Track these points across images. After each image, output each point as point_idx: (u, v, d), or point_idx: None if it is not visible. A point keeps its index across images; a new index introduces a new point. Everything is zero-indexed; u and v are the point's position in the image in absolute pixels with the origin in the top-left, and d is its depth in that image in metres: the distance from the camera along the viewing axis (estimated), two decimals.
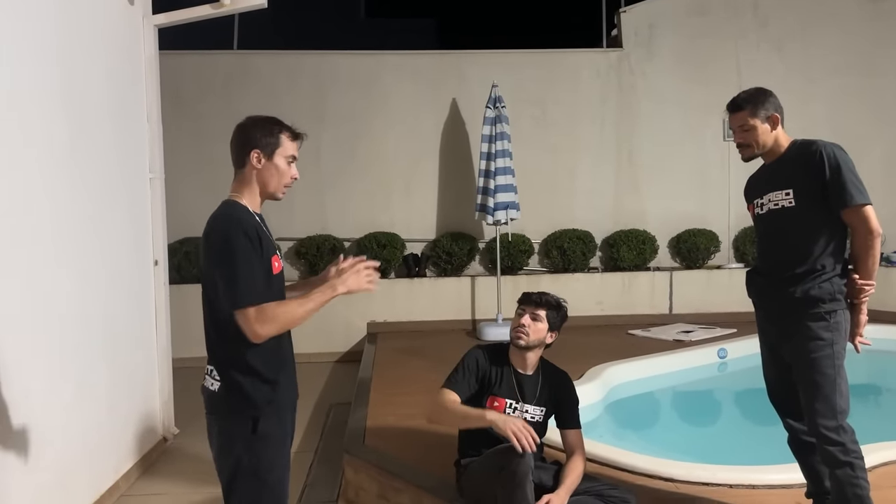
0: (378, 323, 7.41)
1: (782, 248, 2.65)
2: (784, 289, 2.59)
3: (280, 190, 2.29)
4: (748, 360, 6.26)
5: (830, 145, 2.59)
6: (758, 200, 2.75)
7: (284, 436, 2.26)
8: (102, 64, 4.06)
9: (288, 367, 2.29)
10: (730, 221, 8.09)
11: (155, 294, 4.74)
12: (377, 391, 5.00)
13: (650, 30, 8.16)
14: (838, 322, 2.53)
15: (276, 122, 2.29)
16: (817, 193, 2.56)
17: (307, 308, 2.13)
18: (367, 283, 2.19)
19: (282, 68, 7.85)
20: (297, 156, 2.31)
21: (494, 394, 2.91)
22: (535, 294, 2.97)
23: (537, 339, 2.90)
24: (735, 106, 2.72)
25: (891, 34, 8.12)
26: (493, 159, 6.98)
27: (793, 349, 2.60)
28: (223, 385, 2.19)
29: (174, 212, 5.62)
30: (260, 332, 2.07)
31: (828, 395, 2.47)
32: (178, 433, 4.87)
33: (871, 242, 2.52)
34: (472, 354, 2.99)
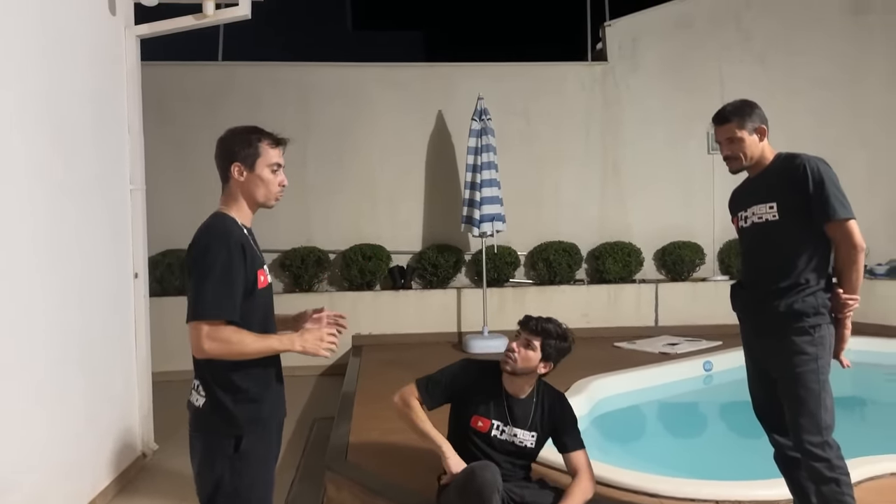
0: (363, 336, 7.35)
1: (766, 262, 2.64)
2: (768, 302, 2.58)
3: (270, 199, 2.26)
4: (733, 372, 6.25)
5: (814, 159, 2.58)
6: (742, 213, 2.75)
7: (268, 455, 2.22)
8: (83, 74, 4.00)
9: (274, 385, 2.24)
10: (714, 234, 8.12)
11: (135, 307, 4.66)
12: (361, 405, 4.94)
13: (634, 43, 8.21)
14: (823, 336, 2.52)
15: (255, 131, 2.24)
16: (801, 207, 2.56)
17: (259, 347, 2.10)
18: (324, 351, 2.16)
19: (267, 79, 7.81)
20: (282, 162, 2.26)
21: (480, 413, 2.84)
22: (534, 319, 2.84)
23: (525, 367, 2.80)
24: (722, 118, 2.71)
25: (872, 46, 8.22)
26: (478, 171, 6.97)
27: (777, 364, 2.59)
28: (208, 401, 2.15)
29: (157, 223, 5.56)
30: (205, 349, 2.03)
31: (812, 410, 2.46)
32: (157, 449, 4.78)
33: (855, 257, 2.51)
34: (462, 367, 2.93)
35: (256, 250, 2.23)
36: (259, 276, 2.17)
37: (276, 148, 2.25)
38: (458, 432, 2.84)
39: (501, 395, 2.86)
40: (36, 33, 3.44)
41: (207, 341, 2.03)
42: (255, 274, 2.15)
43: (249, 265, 2.13)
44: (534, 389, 2.90)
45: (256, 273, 2.16)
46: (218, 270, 2.06)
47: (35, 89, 3.40)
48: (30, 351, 3.29)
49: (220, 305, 2.04)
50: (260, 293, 2.17)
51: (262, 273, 2.19)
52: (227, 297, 2.06)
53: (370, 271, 7.45)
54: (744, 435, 5.20)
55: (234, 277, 2.08)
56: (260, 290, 2.17)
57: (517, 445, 2.84)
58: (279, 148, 2.26)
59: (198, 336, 2.04)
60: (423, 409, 2.84)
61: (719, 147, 2.77)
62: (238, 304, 2.09)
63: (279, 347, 2.14)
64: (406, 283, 7.62)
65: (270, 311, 2.28)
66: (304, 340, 2.14)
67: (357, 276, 7.46)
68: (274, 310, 2.33)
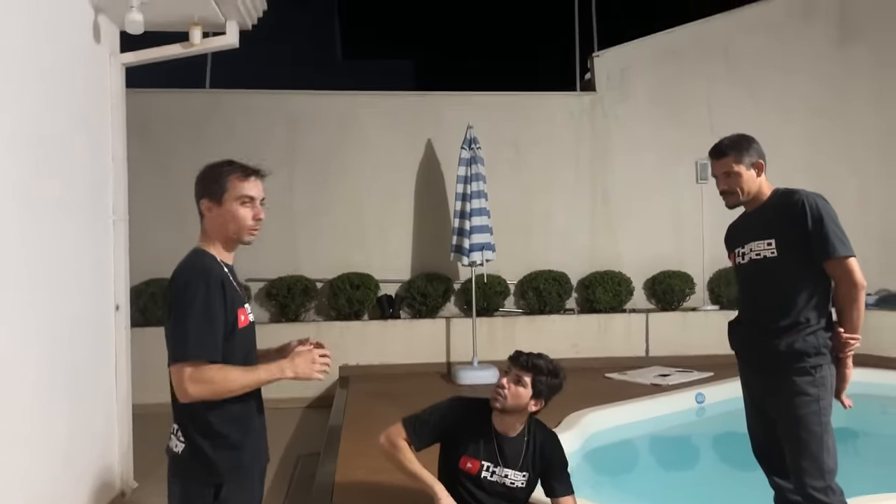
0: (350, 366, 7.22)
1: (765, 300, 2.59)
2: (768, 341, 2.52)
3: (242, 234, 2.15)
4: (726, 404, 6.20)
5: (812, 195, 2.54)
6: (739, 249, 2.70)
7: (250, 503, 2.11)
8: (66, 102, 3.93)
9: (256, 431, 2.15)
10: (704, 263, 8.09)
11: (116, 340, 4.54)
12: (348, 440, 4.81)
13: (623, 74, 8.25)
14: (824, 377, 2.46)
15: (225, 164, 2.17)
16: (799, 244, 2.51)
17: (247, 381, 2.02)
18: (318, 373, 2.08)
19: (255, 107, 7.77)
20: (255, 195, 2.15)
21: (469, 454, 2.74)
22: (524, 355, 2.74)
23: (515, 405, 2.71)
24: (719, 152, 2.67)
25: (858, 76, 8.30)
26: (468, 200, 6.92)
27: (777, 404, 2.52)
28: (187, 447, 2.06)
29: (140, 252, 5.45)
30: (190, 392, 1.95)
31: (815, 453, 2.38)
32: (136, 487, 4.63)
33: (856, 295, 2.46)
34: (450, 407, 2.81)
35: (237, 289, 2.16)
36: (240, 316, 2.09)
37: (246, 180, 2.13)
38: (448, 474, 2.73)
39: (491, 433, 2.76)
40: (19, 60, 3.36)
41: (191, 384, 1.95)
42: (234, 313, 2.07)
43: (230, 304, 2.05)
44: (525, 428, 2.80)
45: (237, 312, 2.08)
46: (198, 309, 1.98)
47: (15, 116, 3.32)
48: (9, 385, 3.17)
49: (202, 345, 1.96)
50: (241, 333, 2.09)
51: (242, 312, 2.11)
52: (208, 336, 1.98)
53: (358, 300, 7.34)
54: (738, 469, 5.10)
55: (215, 315, 2.00)
56: (241, 330, 2.09)
57: (508, 487, 2.73)
58: (250, 180, 2.14)
59: (180, 380, 1.95)
60: (411, 449, 2.73)
61: (716, 181, 2.72)
62: (220, 342, 2.01)
63: (267, 378, 2.05)
64: (394, 313, 7.52)
65: (252, 350, 2.19)
66: (294, 365, 2.06)
67: (345, 306, 7.35)
68: (255, 348, 2.24)
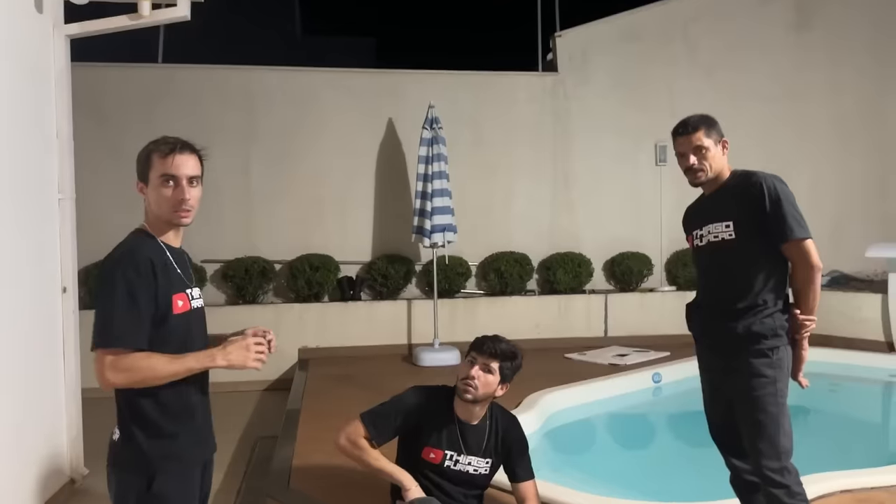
0: (310, 349, 7.14)
1: (723, 282, 2.59)
2: (725, 323, 2.53)
3: (169, 216, 2.02)
4: (682, 384, 6.31)
5: (771, 177, 2.55)
6: (697, 232, 2.69)
7: (188, 497, 2.04)
8: (4, 75, 3.73)
9: (195, 419, 2.06)
10: (662, 245, 8.19)
11: (63, 323, 4.38)
12: (306, 424, 4.75)
13: (584, 55, 8.23)
14: (781, 359, 2.48)
15: (151, 142, 2.06)
16: (757, 226, 2.51)
17: (174, 369, 1.92)
18: (254, 362, 1.98)
19: (209, 83, 7.54)
20: (175, 174, 1.99)
21: (432, 445, 2.69)
22: (488, 342, 2.70)
23: (486, 394, 2.67)
24: (691, 127, 2.63)
25: (813, 62, 8.43)
26: (430, 181, 6.84)
27: (734, 386, 2.53)
28: (121, 437, 1.99)
29: (91, 233, 5.27)
30: (110, 380, 1.87)
31: (771, 434, 2.41)
32: (87, 474, 4.50)
33: (812, 277, 2.48)
34: (410, 398, 2.74)
35: (179, 272, 2.05)
36: (176, 301, 1.99)
37: (167, 157, 1.99)
38: (409, 464, 2.69)
39: (454, 422, 2.72)
40: None
41: (111, 372, 1.86)
42: (168, 299, 1.97)
43: (162, 289, 1.95)
44: (486, 413, 2.77)
45: (171, 298, 1.98)
46: (121, 293, 1.88)
47: None
48: None
49: (125, 332, 1.87)
50: (176, 319, 1.99)
51: (180, 298, 2.01)
52: (132, 322, 1.88)
53: (318, 282, 7.24)
54: (694, 447, 5.20)
55: (140, 300, 1.90)
56: (176, 317, 1.99)
57: (471, 474, 2.71)
58: (171, 157, 1.99)
59: (101, 367, 1.87)
60: (372, 445, 2.67)
61: (680, 159, 2.68)
62: (146, 329, 1.91)
63: (197, 366, 1.95)
64: (355, 295, 7.44)
65: (195, 338, 2.07)
66: (226, 353, 1.96)
67: (304, 288, 7.25)
68: (205, 335, 2.14)
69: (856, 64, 8.47)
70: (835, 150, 8.34)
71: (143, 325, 1.91)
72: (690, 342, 2.84)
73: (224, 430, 2.20)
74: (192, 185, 2.03)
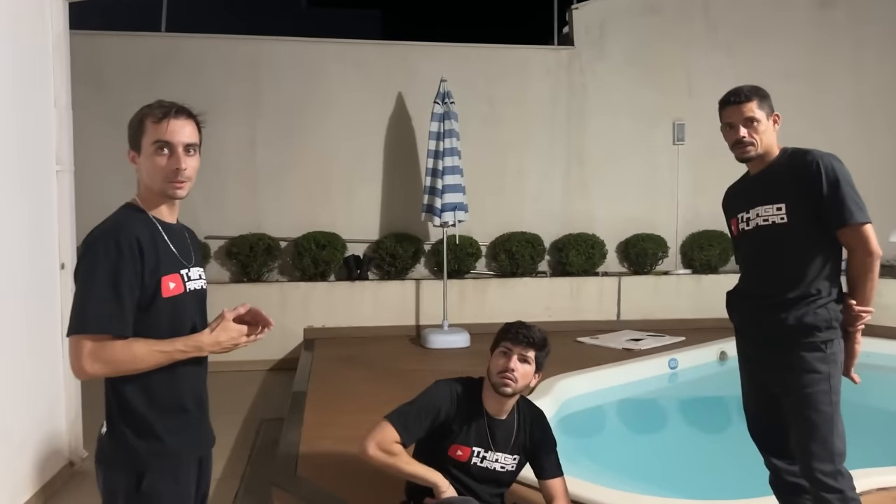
0: (316, 328, 6.97)
1: (773, 269, 2.39)
2: (775, 314, 2.33)
3: (162, 187, 1.83)
4: (698, 370, 6.17)
5: (828, 156, 2.34)
6: (742, 215, 2.47)
7: (182, 495, 1.87)
8: (1, 40, 3.53)
9: (188, 412, 1.89)
10: (677, 227, 7.98)
11: (61, 301, 4.21)
12: (313, 408, 4.59)
13: (601, 29, 7.96)
14: (835, 353, 2.29)
15: (145, 106, 1.87)
16: (812, 209, 2.31)
17: (157, 359, 1.76)
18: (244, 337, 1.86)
19: (214, 53, 7.30)
20: (170, 140, 1.80)
21: (460, 442, 2.51)
22: (522, 330, 2.50)
23: (524, 385, 2.50)
24: (743, 96, 2.43)
25: (835, 42, 8.16)
26: (441, 158, 6.63)
27: (784, 382, 2.34)
28: (108, 431, 1.82)
29: (90, 207, 5.02)
30: (87, 370, 1.69)
31: (825, 435, 2.22)
32: (86, 456, 4.35)
33: (871, 265, 2.28)
34: (439, 394, 2.53)
35: (174, 251, 1.86)
36: (166, 283, 1.80)
37: (161, 122, 1.80)
38: (432, 462, 2.50)
39: (483, 417, 2.54)
40: None
41: (89, 361, 1.68)
42: (156, 280, 1.78)
43: (149, 269, 1.77)
44: (514, 407, 2.60)
45: (160, 279, 1.79)
46: (103, 273, 1.70)
47: None
48: None
49: (104, 317, 1.70)
50: (166, 303, 1.80)
51: (172, 279, 1.82)
52: (114, 307, 1.70)
53: (324, 261, 7.06)
54: (712, 434, 5.08)
55: (122, 282, 1.71)
56: (166, 300, 1.80)
57: (498, 472, 2.54)
58: (165, 122, 1.80)
59: (78, 354, 1.69)
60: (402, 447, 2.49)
61: (727, 131, 2.46)
62: (128, 314, 1.73)
63: (184, 351, 1.79)
64: (362, 274, 7.26)
65: (187, 323, 1.87)
66: (215, 340, 1.82)
67: (310, 266, 7.06)
68: (200, 319, 1.94)
69: (877, 45, 8.19)
70: (855, 132, 8.08)
71: (126, 310, 1.72)
72: (706, 327, 2.67)
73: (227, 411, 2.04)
74: (189, 153, 1.84)
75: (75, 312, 1.72)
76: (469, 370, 5.36)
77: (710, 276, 7.69)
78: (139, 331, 1.77)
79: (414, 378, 5.27)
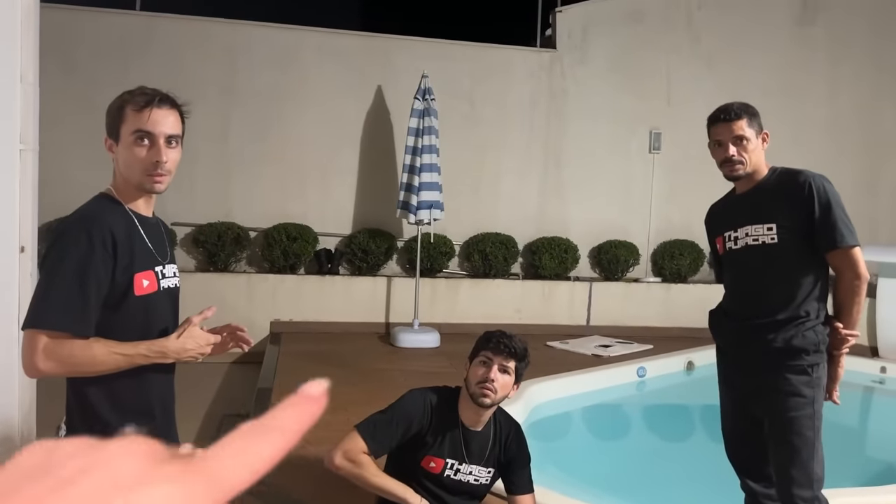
0: (283, 322, 6.84)
1: (762, 290, 2.37)
2: (762, 336, 2.30)
3: (141, 180, 1.73)
4: (666, 378, 6.20)
5: (819, 177, 2.33)
6: (730, 233, 2.44)
7: None
8: None
9: (154, 418, 1.79)
10: (650, 235, 8.02)
11: (19, 286, 4.02)
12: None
13: (584, 33, 7.94)
14: (820, 377, 2.28)
15: (126, 92, 1.76)
16: (803, 231, 2.29)
17: (116, 362, 1.65)
18: (207, 346, 1.79)
19: (189, 35, 7.10)
20: (151, 130, 1.70)
21: (433, 454, 2.43)
22: (504, 339, 2.42)
23: (503, 396, 2.44)
24: (733, 113, 2.39)
25: (814, 59, 8.28)
26: (418, 154, 6.54)
27: (767, 405, 2.32)
28: (68, 432, 1.74)
29: (54, 189, 4.94)
30: (39, 367, 1.60)
31: (806, 461, 2.21)
32: None
33: (859, 288, 2.27)
34: (412, 404, 2.44)
35: (150, 247, 1.77)
36: (139, 281, 1.71)
37: (143, 111, 1.70)
38: (404, 474, 2.43)
39: (458, 427, 2.47)
40: None
41: (43, 358, 1.59)
42: (129, 277, 1.69)
43: (122, 265, 1.68)
44: (490, 419, 2.53)
45: (133, 276, 1.70)
46: (70, 266, 1.61)
47: None
48: None
49: (66, 314, 1.60)
50: (137, 301, 1.72)
51: (146, 276, 1.73)
52: (77, 305, 1.61)
53: (294, 253, 6.93)
54: (679, 443, 5.11)
55: (90, 278, 1.62)
56: (138, 298, 1.72)
57: (472, 485, 2.48)
58: (147, 111, 1.70)
59: (32, 350, 1.59)
60: (371, 458, 2.41)
61: (717, 149, 2.43)
62: (92, 314, 1.63)
63: (147, 356, 1.69)
64: (333, 269, 7.14)
65: (158, 323, 1.78)
66: (181, 345, 1.73)
67: (280, 258, 6.92)
68: (172, 320, 1.85)
69: (854, 63, 8.34)
70: (827, 150, 8.19)
71: (89, 308, 1.62)
72: (673, 335, 2.66)
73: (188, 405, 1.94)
74: (171, 145, 1.74)
75: (34, 304, 1.62)
76: (439, 371, 5.30)
77: (680, 285, 7.74)
78: (107, 329, 1.67)
79: (383, 377, 5.20)
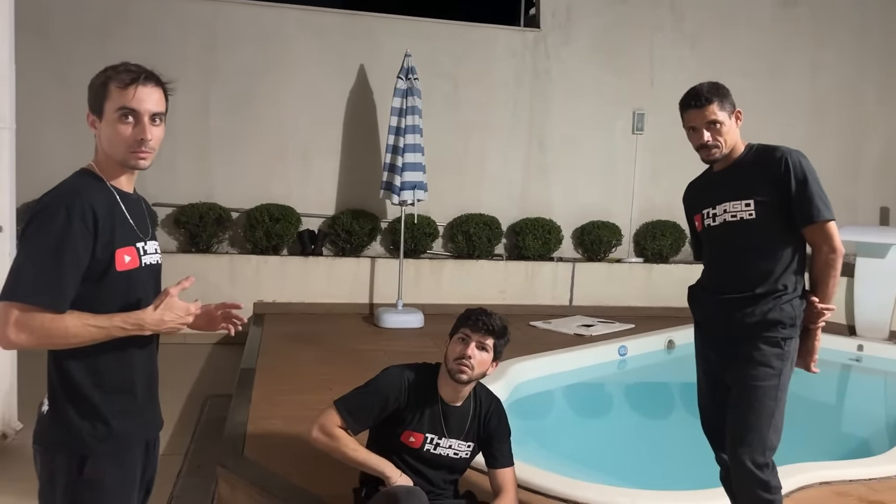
0: (266, 303, 6.83)
1: (740, 265, 2.39)
2: (739, 309, 2.34)
3: (125, 157, 1.73)
4: (647, 357, 6.27)
5: (796, 153, 2.35)
6: (709, 210, 2.46)
7: (126, 482, 1.78)
8: None
9: (136, 393, 1.80)
10: (632, 215, 8.06)
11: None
12: (261, 387, 4.48)
13: (568, 13, 7.91)
14: (790, 351, 2.32)
15: (110, 68, 1.75)
16: (780, 206, 2.32)
17: (91, 335, 1.65)
18: (190, 317, 1.78)
19: (169, 12, 6.98)
20: (136, 108, 1.70)
21: (412, 428, 2.46)
22: (482, 317, 2.45)
23: (481, 373, 2.46)
24: (704, 99, 2.39)
25: (797, 38, 8.31)
26: (402, 135, 6.51)
27: (737, 372, 2.36)
28: (50, 411, 1.72)
29: (32, 167, 4.89)
30: (11, 338, 1.59)
31: (763, 428, 2.27)
32: (21, 428, 4.17)
33: (835, 262, 2.31)
34: (388, 381, 2.47)
35: (132, 223, 1.77)
36: (120, 256, 1.71)
37: (127, 88, 1.70)
38: (385, 448, 2.46)
39: (437, 403, 2.50)
40: None
41: (15, 330, 1.58)
42: (110, 252, 1.69)
43: (103, 241, 1.67)
44: (470, 394, 2.56)
45: (114, 252, 1.70)
46: (47, 241, 1.60)
47: None
48: None
49: (41, 288, 1.59)
50: (119, 277, 1.72)
51: (127, 252, 1.73)
52: (53, 278, 1.60)
53: (277, 234, 6.89)
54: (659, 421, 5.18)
55: (67, 253, 1.61)
56: (120, 274, 1.71)
57: (451, 458, 2.51)
58: (132, 88, 1.70)
59: (4, 322, 1.57)
60: (349, 434, 2.43)
61: (692, 134, 2.45)
62: (66, 289, 1.63)
63: (124, 328, 1.68)
64: (316, 250, 7.12)
65: (140, 299, 1.78)
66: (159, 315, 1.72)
67: (262, 239, 6.89)
68: (153, 295, 1.83)
69: (837, 45, 8.39)
70: (809, 130, 8.27)
71: (64, 283, 1.62)
72: (654, 315, 2.69)
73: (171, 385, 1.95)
74: (155, 122, 1.74)
75: (10, 278, 1.61)
76: (422, 351, 5.31)
77: (661, 265, 7.80)
78: (90, 305, 1.67)
79: (366, 358, 5.21)
